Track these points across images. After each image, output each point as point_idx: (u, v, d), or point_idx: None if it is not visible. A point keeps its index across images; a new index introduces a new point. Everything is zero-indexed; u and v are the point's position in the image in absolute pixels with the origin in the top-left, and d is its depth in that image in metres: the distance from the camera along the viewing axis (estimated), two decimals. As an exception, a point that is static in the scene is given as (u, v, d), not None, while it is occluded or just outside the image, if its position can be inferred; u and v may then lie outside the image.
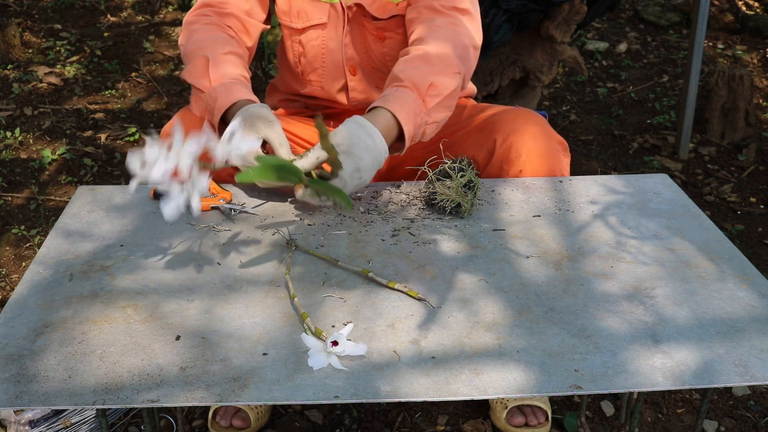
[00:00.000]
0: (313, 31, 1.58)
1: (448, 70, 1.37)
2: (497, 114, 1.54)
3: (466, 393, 0.92)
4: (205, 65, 1.44)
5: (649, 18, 4.24)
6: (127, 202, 1.35)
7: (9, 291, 2.14)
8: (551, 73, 2.57)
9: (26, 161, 2.82)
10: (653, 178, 1.47)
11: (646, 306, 1.08)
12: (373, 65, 1.60)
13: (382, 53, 1.58)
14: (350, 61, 1.59)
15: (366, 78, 1.61)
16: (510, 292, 1.11)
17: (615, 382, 0.94)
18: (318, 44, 1.59)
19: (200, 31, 1.50)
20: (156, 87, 3.47)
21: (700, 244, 1.24)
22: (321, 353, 0.96)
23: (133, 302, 1.08)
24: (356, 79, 1.61)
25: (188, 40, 1.51)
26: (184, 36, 1.53)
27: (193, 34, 1.51)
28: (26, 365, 0.95)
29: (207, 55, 1.45)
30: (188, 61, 1.48)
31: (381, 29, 1.55)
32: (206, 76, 1.43)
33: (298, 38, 1.59)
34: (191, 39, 1.50)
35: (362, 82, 1.61)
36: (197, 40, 1.49)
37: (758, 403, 1.78)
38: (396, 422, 1.70)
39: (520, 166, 1.46)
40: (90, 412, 1.60)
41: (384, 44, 1.57)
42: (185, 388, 0.91)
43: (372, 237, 1.26)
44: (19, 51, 3.76)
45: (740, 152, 2.96)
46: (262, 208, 1.34)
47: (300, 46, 1.60)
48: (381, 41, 1.57)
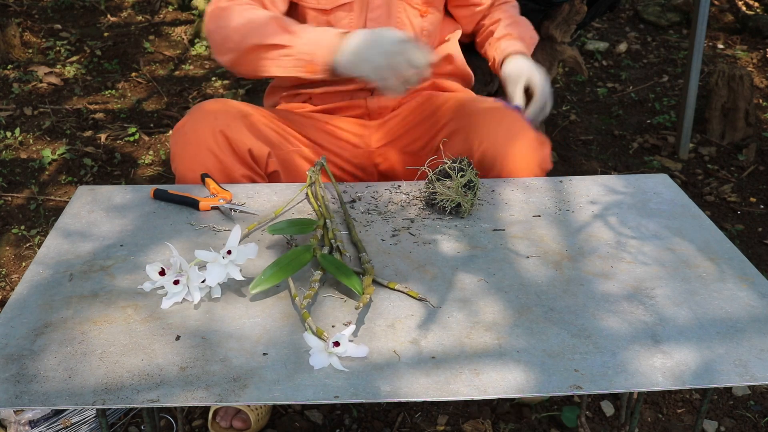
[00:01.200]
0: (342, 11, 1.59)
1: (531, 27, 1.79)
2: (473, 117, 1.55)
3: (466, 393, 0.92)
4: (279, 24, 1.47)
5: (649, 18, 4.24)
6: (127, 202, 1.35)
7: (9, 291, 2.14)
8: (551, 73, 2.57)
9: (26, 161, 2.82)
10: (653, 178, 1.47)
11: (646, 306, 1.08)
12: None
13: (422, 28, 1.65)
14: None
15: None
16: (510, 292, 1.11)
17: (615, 382, 0.94)
18: (346, 23, 1.60)
19: (241, 9, 1.50)
20: (156, 87, 3.47)
21: (700, 244, 1.24)
22: (322, 353, 0.96)
23: (133, 302, 1.08)
24: None
25: (230, 19, 1.49)
26: (219, 18, 1.51)
27: (232, 12, 1.49)
28: (26, 365, 0.95)
29: (274, 16, 1.48)
30: (242, 33, 1.48)
31: (427, 4, 1.64)
32: (286, 31, 1.46)
33: (326, 19, 1.60)
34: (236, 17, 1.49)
35: None
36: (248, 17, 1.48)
37: (758, 403, 1.78)
38: (396, 422, 1.70)
39: (497, 173, 1.48)
40: (90, 412, 1.60)
41: (425, 19, 1.65)
42: (185, 388, 0.92)
43: (372, 237, 1.26)
44: (19, 51, 3.76)
45: (740, 152, 2.96)
46: (262, 208, 1.34)
47: (329, 27, 1.60)
48: (423, 17, 1.64)
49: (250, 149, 1.47)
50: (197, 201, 1.33)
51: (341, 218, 1.32)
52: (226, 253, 1.09)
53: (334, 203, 1.37)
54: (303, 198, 1.38)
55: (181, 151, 1.46)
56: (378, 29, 1.45)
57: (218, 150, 1.44)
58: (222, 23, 1.51)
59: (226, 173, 1.45)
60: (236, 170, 1.46)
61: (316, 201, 1.32)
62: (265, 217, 1.30)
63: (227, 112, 1.48)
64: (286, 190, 1.41)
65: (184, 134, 1.47)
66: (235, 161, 1.46)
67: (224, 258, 1.09)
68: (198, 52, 3.88)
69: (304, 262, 1.12)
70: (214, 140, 1.44)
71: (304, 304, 1.04)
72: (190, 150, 1.45)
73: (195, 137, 1.45)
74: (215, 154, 1.44)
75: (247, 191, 1.40)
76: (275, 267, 1.09)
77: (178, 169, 1.47)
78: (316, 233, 1.21)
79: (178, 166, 1.46)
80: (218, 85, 3.49)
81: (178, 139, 1.47)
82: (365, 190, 1.42)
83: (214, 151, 1.44)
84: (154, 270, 1.09)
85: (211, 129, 1.45)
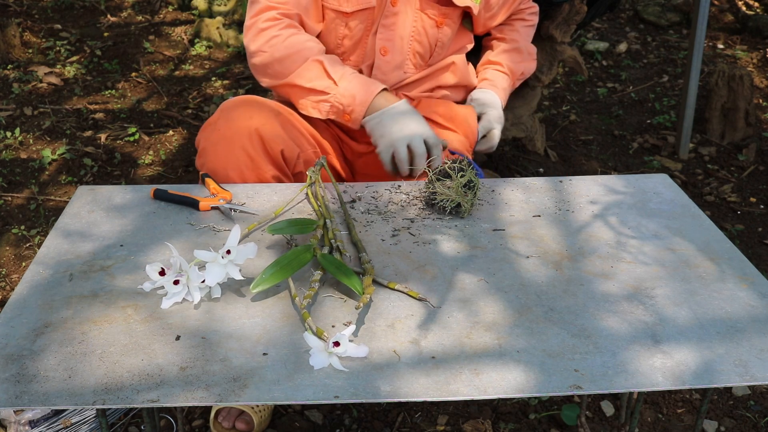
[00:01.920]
0: (361, 15, 1.60)
1: (531, 57, 1.88)
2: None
3: (466, 393, 0.92)
4: (323, 67, 1.52)
5: (649, 18, 4.24)
6: (127, 202, 1.35)
7: (9, 291, 2.14)
8: (551, 73, 2.57)
9: (26, 161, 2.82)
10: (653, 178, 1.47)
11: (646, 306, 1.08)
12: (416, 49, 1.64)
13: (437, 39, 1.66)
14: (386, 42, 1.62)
15: (393, 59, 1.64)
16: (510, 292, 1.11)
17: (615, 382, 0.94)
18: (364, 27, 1.61)
19: (285, 36, 1.53)
20: (156, 87, 3.47)
21: (700, 244, 1.24)
22: (322, 353, 0.96)
23: (133, 302, 1.08)
24: (384, 60, 1.64)
25: (273, 46, 1.53)
26: (262, 42, 1.55)
27: (276, 39, 1.54)
28: (26, 365, 0.95)
29: (317, 58, 1.52)
30: (285, 66, 1.53)
31: (444, 15, 1.64)
32: (328, 77, 1.51)
33: (346, 21, 1.61)
34: (279, 46, 1.53)
35: (389, 63, 1.65)
36: (292, 49, 1.53)
37: (758, 403, 1.78)
38: (396, 422, 1.70)
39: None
40: (90, 412, 1.60)
41: (440, 30, 1.65)
42: (185, 388, 0.92)
43: (372, 237, 1.26)
44: (19, 51, 3.76)
45: (740, 152, 2.96)
46: (262, 208, 1.34)
47: (347, 29, 1.62)
48: (438, 27, 1.64)
49: (283, 150, 1.48)
50: (197, 201, 1.33)
51: (341, 218, 1.32)
52: (225, 253, 1.09)
53: (334, 203, 1.37)
54: (303, 198, 1.38)
55: (213, 147, 1.47)
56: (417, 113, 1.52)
57: (252, 149, 1.45)
58: (265, 48, 1.55)
59: (257, 172, 1.46)
60: (267, 170, 1.47)
61: (316, 201, 1.32)
62: (265, 217, 1.30)
63: (262, 112, 1.49)
64: (286, 190, 1.41)
65: (217, 130, 1.47)
66: (267, 161, 1.47)
67: (223, 258, 1.09)
68: (198, 52, 3.88)
69: (304, 262, 1.12)
70: (249, 139, 1.45)
71: (304, 304, 1.04)
72: (222, 147, 1.46)
73: (229, 134, 1.45)
74: (248, 153, 1.45)
75: (247, 191, 1.40)
76: (275, 267, 1.09)
77: (207, 163, 1.47)
78: (316, 233, 1.21)
79: (209, 161, 1.47)
80: (218, 85, 3.49)
81: (210, 135, 1.48)
82: (365, 190, 1.42)
83: (247, 149, 1.45)
84: (154, 270, 1.09)
85: (246, 128, 1.46)
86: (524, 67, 1.85)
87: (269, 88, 1.63)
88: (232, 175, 1.46)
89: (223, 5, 4.18)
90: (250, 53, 1.59)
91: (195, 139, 2.65)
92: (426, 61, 1.68)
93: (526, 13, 1.85)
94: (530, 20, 1.86)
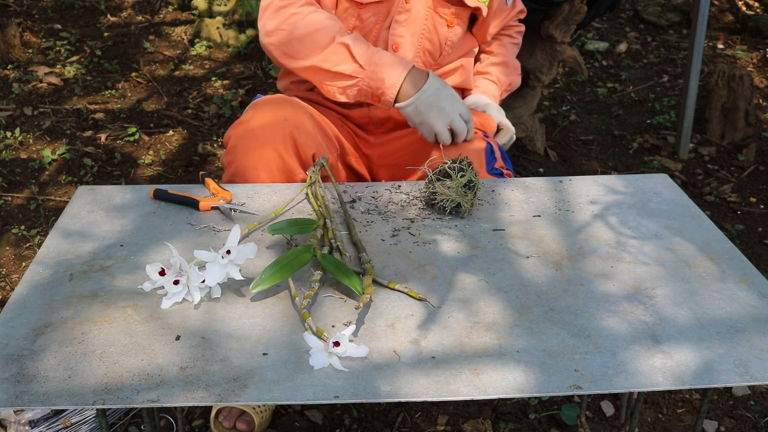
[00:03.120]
0: (373, 8, 1.60)
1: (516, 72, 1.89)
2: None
3: (466, 393, 0.92)
4: (348, 49, 1.49)
5: (649, 18, 4.24)
6: (127, 202, 1.35)
7: (9, 291, 2.14)
8: (551, 73, 2.57)
9: (26, 161, 2.82)
10: (653, 178, 1.47)
11: (646, 306, 1.08)
12: (426, 47, 1.64)
13: (447, 38, 1.66)
14: (398, 38, 1.62)
15: (404, 56, 1.63)
16: (510, 292, 1.11)
17: (615, 382, 0.94)
18: (376, 20, 1.61)
19: (304, 14, 1.51)
20: (156, 87, 3.47)
21: (700, 244, 1.24)
22: (322, 353, 0.96)
23: (133, 302, 1.08)
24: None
25: (293, 24, 1.51)
26: (281, 20, 1.52)
27: (295, 17, 1.51)
28: (26, 365, 0.95)
29: (342, 41, 1.50)
30: (307, 46, 1.51)
31: (455, 15, 1.64)
32: (354, 60, 1.49)
33: (358, 12, 1.60)
34: (300, 24, 1.50)
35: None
36: (314, 27, 1.50)
37: (758, 403, 1.78)
38: (396, 422, 1.70)
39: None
40: (90, 412, 1.60)
41: (451, 30, 1.65)
42: (185, 388, 0.92)
43: (372, 237, 1.26)
44: (19, 51, 3.76)
45: (740, 152, 2.96)
46: (262, 208, 1.34)
47: (358, 21, 1.61)
48: (449, 27, 1.64)
49: (315, 153, 1.48)
50: (197, 201, 1.33)
51: (341, 218, 1.32)
52: (225, 253, 1.09)
53: (334, 203, 1.37)
54: (303, 198, 1.38)
55: (245, 146, 1.46)
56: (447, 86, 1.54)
57: (284, 151, 1.44)
58: (284, 26, 1.52)
59: (287, 174, 1.46)
60: (298, 173, 1.46)
61: (316, 201, 1.32)
62: (265, 217, 1.30)
63: (296, 114, 1.48)
64: (286, 190, 1.41)
65: (250, 130, 1.46)
66: (298, 164, 1.47)
67: (223, 258, 1.09)
68: (198, 52, 3.88)
69: (304, 262, 1.12)
70: (282, 141, 1.44)
71: (304, 304, 1.04)
72: (254, 147, 1.45)
73: (263, 135, 1.45)
74: (281, 154, 1.44)
75: (247, 191, 1.40)
76: (275, 267, 1.09)
77: (236, 161, 1.46)
78: (316, 233, 1.21)
79: (238, 158, 1.46)
80: (218, 85, 3.49)
81: (242, 134, 1.47)
82: (365, 190, 1.42)
83: (280, 151, 1.44)
84: (154, 270, 1.09)
85: (281, 129, 1.45)
86: (511, 80, 1.87)
87: (287, 68, 1.60)
88: (262, 176, 1.45)
89: (223, 5, 4.18)
90: (267, 32, 1.54)
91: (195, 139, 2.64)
92: (436, 60, 1.68)
93: (513, 31, 1.87)
94: (516, 39, 1.89)
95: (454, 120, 1.51)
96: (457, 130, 1.51)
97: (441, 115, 1.50)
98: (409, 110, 1.51)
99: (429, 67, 1.68)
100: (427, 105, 1.49)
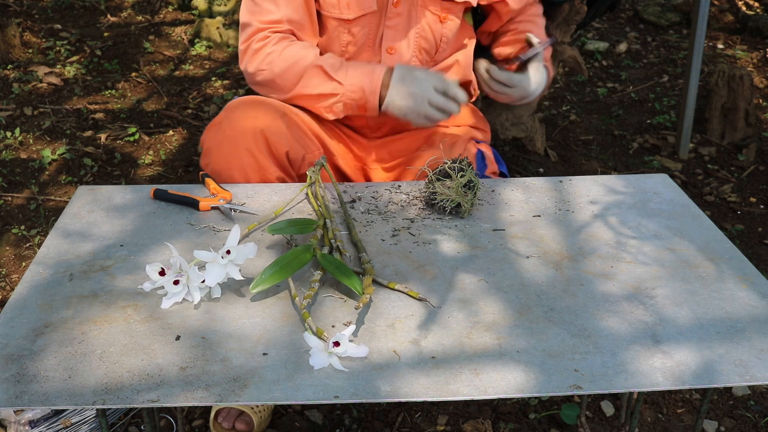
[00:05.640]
0: (363, 21, 1.60)
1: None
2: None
3: (466, 393, 0.92)
4: (322, 70, 1.52)
5: (649, 18, 4.24)
6: (127, 202, 1.35)
7: (9, 291, 2.14)
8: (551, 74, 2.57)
9: (26, 161, 2.82)
10: (653, 178, 1.47)
11: (646, 306, 1.08)
12: (422, 45, 1.64)
13: (441, 34, 1.65)
14: (392, 42, 1.62)
15: (401, 57, 1.64)
16: (510, 292, 1.11)
17: (615, 382, 0.94)
18: (367, 31, 1.61)
19: (279, 51, 1.54)
20: (156, 87, 3.47)
21: (700, 244, 1.24)
22: (322, 353, 0.96)
23: (133, 302, 1.08)
24: (392, 58, 1.64)
25: (271, 63, 1.54)
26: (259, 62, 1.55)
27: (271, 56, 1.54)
28: (26, 365, 0.95)
29: (316, 63, 1.52)
30: (288, 80, 1.54)
31: (447, 10, 1.64)
32: (330, 78, 1.51)
33: (347, 28, 1.61)
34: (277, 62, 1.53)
35: (396, 61, 1.65)
36: (290, 61, 1.53)
37: (758, 403, 1.78)
38: (396, 422, 1.70)
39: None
40: (90, 412, 1.60)
41: (444, 26, 1.64)
42: (185, 388, 0.92)
43: (372, 237, 1.26)
44: (19, 51, 3.76)
45: (740, 152, 2.96)
46: (262, 208, 1.34)
47: (350, 36, 1.61)
48: (442, 23, 1.64)
49: (288, 151, 1.49)
50: (197, 201, 1.33)
51: (341, 218, 1.32)
52: (225, 253, 1.09)
53: (334, 203, 1.37)
54: (303, 198, 1.38)
55: (218, 147, 1.47)
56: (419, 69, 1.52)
57: (256, 150, 1.45)
58: (263, 66, 1.55)
59: (261, 174, 1.46)
60: (272, 171, 1.47)
61: (316, 201, 1.32)
62: (265, 217, 1.30)
63: (268, 113, 1.49)
64: (286, 190, 1.41)
65: (222, 130, 1.47)
66: (272, 162, 1.47)
67: (223, 258, 1.09)
68: (198, 52, 3.88)
69: (304, 262, 1.12)
70: (254, 140, 1.45)
71: (304, 304, 1.04)
72: (226, 146, 1.46)
73: (234, 134, 1.46)
74: (253, 154, 1.45)
75: (247, 191, 1.40)
76: (275, 267, 1.09)
77: (211, 164, 1.48)
78: (316, 233, 1.21)
79: (213, 160, 1.47)
80: (218, 85, 3.49)
81: (214, 135, 1.48)
82: (365, 190, 1.42)
83: (252, 150, 1.45)
84: (154, 270, 1.09)
85: (251, 128, 1.46)
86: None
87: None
88: (236, 176, 1.46)
89: (223, 5, 4.18)
90: (250, 75, 1.59)
91: (195, 139, 2.64)
92: (432, 57, 1.68)
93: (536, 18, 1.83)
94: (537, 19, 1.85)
95: (431, 98, 1.50)
96: (439, 106, 1.50)
97: (416, 100, 1.49)
98: (391, 109, 1.52)
99: (425, 65, 1.68)
100: (400, 97, 1.50)
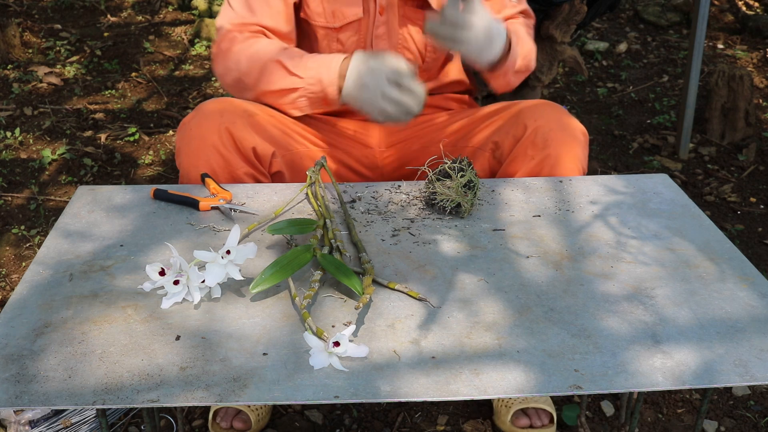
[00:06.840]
0: (350, 29, 1.59)
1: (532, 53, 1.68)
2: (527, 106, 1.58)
3: (466, 393, 0.92)
4: (281, 64, 1.49)
5: (649, 18, 4.24)
6: (127, 202, 1.35)
7: (9, 291, 2.14)
8: (551, 73, 2.57)
9: (26, 161, 2.82)
10: (653, 178, 1.47)
11: (646, 306, 1.08)
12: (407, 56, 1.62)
13: (426, 43, 1.63)
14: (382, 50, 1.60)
15: None
16: (510, 292, 1.11)
17: (615, 382, 0.94)
18: (357, 38, 1.60)
19: (242, 48, 1.53)
20: (156, 87, 3.47)
21: (700, 244, 1.24)
22: (322, 353, 0.96)
23: (133, 302, 1.08)
24: None
25: (237, 61, 1.53)
26: (225, 61, 1.55)
27: (236, 54, 1.53)
28: (26, 365, 0.95)
29: (275, 59, 1.49)
30: (252, 77, 1.52)
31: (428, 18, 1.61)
32: (289, 73, 1.48)
33: (336, 36, 1.60)
34: (242, 59, 1.52)
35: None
36: (252, 58, 1.51)
37: (758, 403, 1.78)
38: (396, 422, 1.70)
39: (547, 152, 1.48)
40: (90, 412, 1.60)
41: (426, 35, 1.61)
42: (185, 388, 0.92)
43: (372, 237, 1.26)
44: (19, 51, 3.76)
45: (740, 152, 2.96)
46: (262, 208, 1.34)
47: (339, 44, 1.61)
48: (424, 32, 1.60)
49: (254, 148, 1.48)
50: (197, 201, 1.33)
51: (341, 218, 1.32)
52: (225, 253, 1.09)
53: (334, 203, 1.37)
54: (303, 198, 1.38)
55: (186, 146, 1.47)
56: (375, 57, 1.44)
57: (222, 147, 1.45)
58: (230, 65, 1.54)
59: (229, 171, 1.46)
60: (240, 168, 1.47)
61: (316, 201, 1.32)
62: (265, 217, 1.30)
63: (233, 111, 1.49)
64: (286, 190, 1.41)
65: (189, 130, 1.48)
66: (239, 159, 1.47)
67: (223, 258, 1.09)
68: (198, 52, 3.88)
69: (304, 262, 1.12)
70: (219, 138, 1.45)
71: (304, 304, 1.04)
72: (194, 146, 1.46)
73: (199, 133, 1.46)
74: (219, 152, 1.45)
75: (247, 191, 1.40)
76: (275, 267, 1.09)
77: (182, 164, 1.48)
78: (316, 233, 1.21)
79: (183, 161, 1.48)
80: (218, 85, 3.49)
81: (183, 135, 1.49)
82: (365, 190, 1.42)
83: (218, 148, 1.45)
84: (154, 270, 1.09)
85: (216, 126, 1.46)
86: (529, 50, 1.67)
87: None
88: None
89: (223, 5, 4.17)
90: (220, 78, 1.58)
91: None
92: (421, 65, 1.66)
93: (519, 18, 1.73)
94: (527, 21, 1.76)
95: (384, 91, 1.39)
96: (393, 99, 1.39)
97: (369, 92, 1.41)
98: (349, 102, 1.47)
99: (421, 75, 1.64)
100: (356, 89, 1.44)
